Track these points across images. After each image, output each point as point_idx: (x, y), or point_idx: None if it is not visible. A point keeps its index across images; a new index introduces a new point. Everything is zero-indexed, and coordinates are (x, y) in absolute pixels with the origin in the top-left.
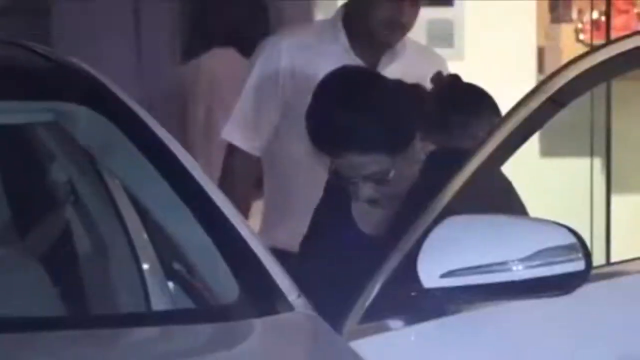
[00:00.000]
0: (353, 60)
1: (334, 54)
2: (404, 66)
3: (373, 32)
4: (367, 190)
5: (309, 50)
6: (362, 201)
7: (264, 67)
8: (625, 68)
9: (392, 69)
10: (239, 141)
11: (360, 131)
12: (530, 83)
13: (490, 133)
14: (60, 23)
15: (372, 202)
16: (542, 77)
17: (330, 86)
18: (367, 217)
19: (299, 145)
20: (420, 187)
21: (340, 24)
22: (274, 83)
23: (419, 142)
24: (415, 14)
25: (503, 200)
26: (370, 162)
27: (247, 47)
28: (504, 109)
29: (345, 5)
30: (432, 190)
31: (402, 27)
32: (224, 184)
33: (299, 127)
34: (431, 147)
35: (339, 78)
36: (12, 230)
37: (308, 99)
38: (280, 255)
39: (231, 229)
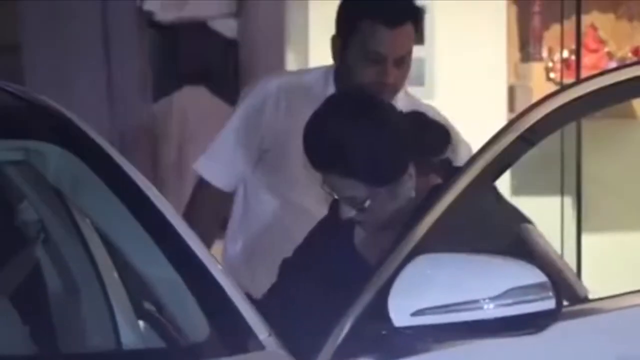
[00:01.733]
0: None
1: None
2: None
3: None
4: (346, 210)
5: (297, 99)
6: (343, 219)
7: (248, 109)
8: (595, 107)
9: None
10: (210, 176)
11: (345, 154)
12: (500, 122)
13: (461, 171)
14: (31, 60)
15: (356, 222)
16: (512, 116)
17: (334, 103)
18: (366, 243)
19: (272, 191)
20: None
21: (331, 79)
22: (255, 127)
23: (410, 179)
24: (403, 75)
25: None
26: (347, 187)
27: (218, 85)
28: (474, 147)
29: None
30: None
31: (390, 88)
32: (189, 215)
33: (274, 171)
34: (438, 180)
35: (348, 97)
36: None
37: (287, 143)
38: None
39: (201, 267)
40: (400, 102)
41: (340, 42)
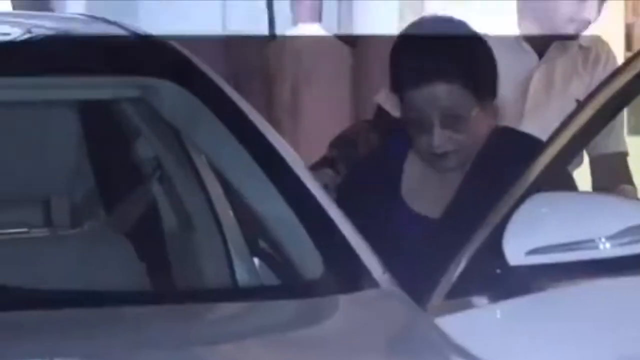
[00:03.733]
0: (523, 48)
1: (502, 41)
2: (569, 62)
3: (554, 26)
4: (444, 140)
5: None
6: (438, 153)
7: None
8: None
9: (559, 62)
10: (389, 107)
11: (454, 59)
12: (618, 60)
13: (577, 110)
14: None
15: (440, 156)
16: (629, 55)
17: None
18: (416, 195)
19: None
20: (482, 165)
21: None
22: None
23: (484, 116)
24: (599, 8)
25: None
26: (456, 96)
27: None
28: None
29: None
30: (494, 169)
31: (586, 23)
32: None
33: None
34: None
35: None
36: (100, 206)
37: None
38: None
39: (316, 205)
40: (581, 41)
41: None
